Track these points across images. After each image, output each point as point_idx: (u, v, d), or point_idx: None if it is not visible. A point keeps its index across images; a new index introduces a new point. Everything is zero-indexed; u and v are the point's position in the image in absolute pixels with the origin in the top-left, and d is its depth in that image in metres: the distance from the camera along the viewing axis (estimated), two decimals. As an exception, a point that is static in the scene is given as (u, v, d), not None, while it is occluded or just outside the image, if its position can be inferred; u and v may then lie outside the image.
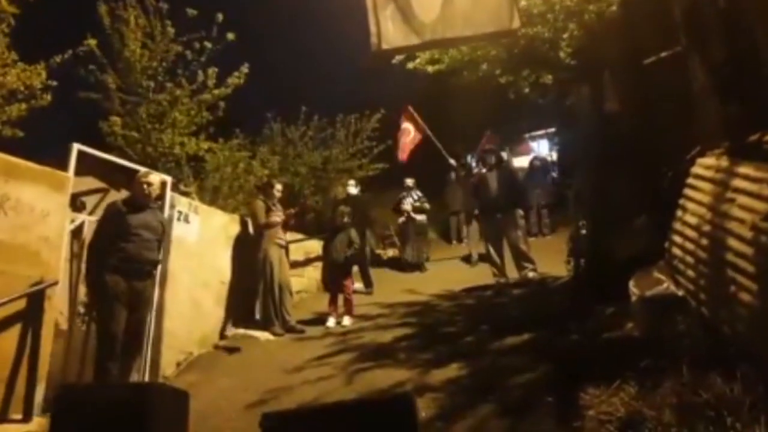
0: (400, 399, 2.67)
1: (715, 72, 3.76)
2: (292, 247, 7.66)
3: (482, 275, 7.76)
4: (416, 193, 10.25)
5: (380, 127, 12.20)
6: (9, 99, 5.83)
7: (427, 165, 11.20)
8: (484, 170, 7.69)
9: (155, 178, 4.85)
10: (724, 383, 2.51)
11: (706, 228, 3.27)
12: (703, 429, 2.32)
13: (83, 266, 4.65)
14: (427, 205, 10.23)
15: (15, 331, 3.88)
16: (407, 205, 10.09)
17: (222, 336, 6.29)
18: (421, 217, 10.11)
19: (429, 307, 6.64)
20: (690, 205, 3.55)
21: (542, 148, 17.12)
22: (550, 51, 5.73)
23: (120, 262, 4.41)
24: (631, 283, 3.92)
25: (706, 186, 3.40)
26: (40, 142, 6.37)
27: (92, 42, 7.07)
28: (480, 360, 4.19)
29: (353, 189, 9.02)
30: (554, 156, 15.28)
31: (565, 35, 5.47)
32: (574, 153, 6.07)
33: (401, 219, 10.17)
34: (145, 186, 4.67)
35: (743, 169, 3.03)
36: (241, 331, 6.44)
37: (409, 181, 10.34)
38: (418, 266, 9.80)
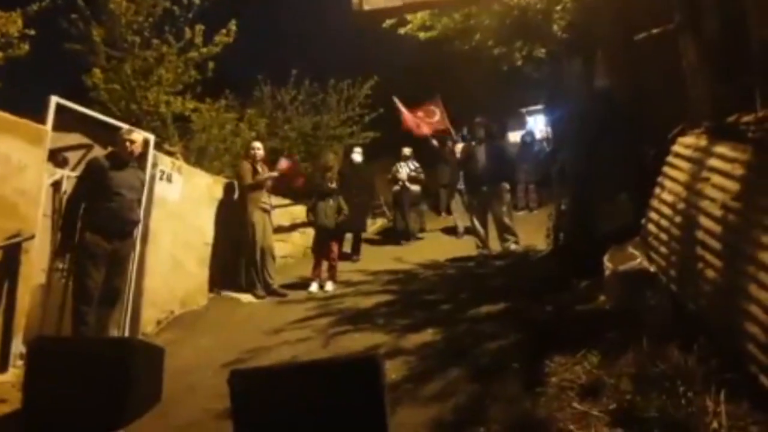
0: (367, 360, 2.72)
1: (706, 50, 3.74)
2: (278, 212, 7.67)
3: (467, 247, 7.84)
4: (413, 163, 10.20)
5: (373, 94, 12.07)
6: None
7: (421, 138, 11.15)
8: (473, 143, 7.70)
9: (138, 136, 4.81)
10: (682, 355, 2.59)
11: (681, 206, 3.32)
12: (656, 397, 2.40)
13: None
14: (422, 176, 10.21)
15: (-9, 284, 3.89)
16: (403, 174, 10.06)
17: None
18: (415, 188, 10.10)
19: (412, 276, 6.72)
20: (668, 183, 3.59)
21: (539, 123, 16.99)
22: (543, 22, 5.66)
23: (102, 222, 4.40)
24: (606, 258, 3.98)
25: (684, 165, 3.43)
26: (24, 96, 6.26)
27: (72, -10, 6.88)
28: (455, 326, 4.26)
29: (358, 157, 8.94)
30: (550, 132, 15.18)
31: (558, 7, 5.41)
32: (562, 129, 6.05)
33: (396, 188, 10.12)
34: (127, 144, 4.62)
35: (720, 149, 3.05)
36: (224, 292, 6.50)
37: (407, 150, 10.28)
38: (410, 235, 9.82)
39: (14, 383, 3.72)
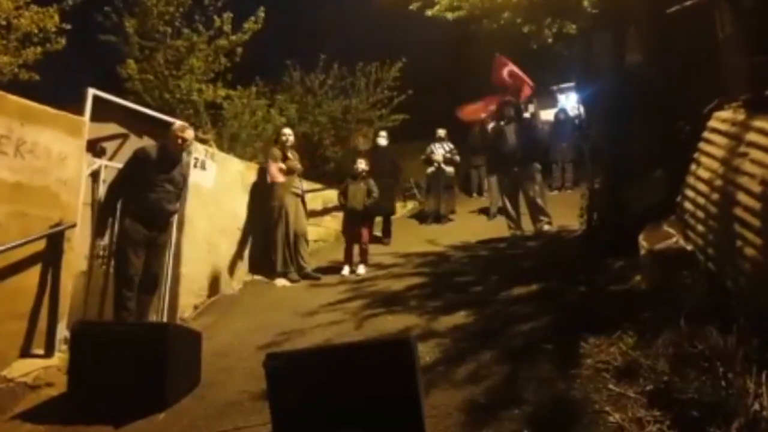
0: (400, 342, 2.75)
1: (743, 20, 3.59)
2: (310, 196, 7.73)
3: (499, 228, 7.78)
4: (447, 145, 10.12)
5: (401, 76, 11.99)
6: (24, 42, 5.88)
7: (450, 118, 11.04)
8: (502, 123, 7.58)
9: (190, 133, 4.88)
10: (721, 335, 2.53)
11: (718, 183, 3.22)
12: (694, 378, 2.35)
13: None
14: (457, 158, 10.14)
15: (36, 271, 4.05)
16: (438, 155, 10.00)
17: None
18: (450, 169, 10.04)
19: (443, 258, 6.70)
20: (704, 160, 3.48)
21: (570, 101, 16.60)
22: (572, -2, 5.50)
23: (141, 210, 4.55)
24: (641, 237, 3.90)
25: (720, 140, 3.32)
26: (61, 89, 6.47)
27: (105, -16, 7.05)
28: (487, 308, 4.24)
29: (383, 140, 8.94)
30: (581, 109, 14.79)
31: (589, -19, 5.24)
32: (593, 106, 5.90)
33: (431, 169, 10.06)
34: (179, 140, 4.72)
35: (758, 123, 2.94)
36: (259, 276, 6.62)
37: (441, 132, 10.20)
38: (442, 217, 9.79)
39: (60, 367, 3.87)
